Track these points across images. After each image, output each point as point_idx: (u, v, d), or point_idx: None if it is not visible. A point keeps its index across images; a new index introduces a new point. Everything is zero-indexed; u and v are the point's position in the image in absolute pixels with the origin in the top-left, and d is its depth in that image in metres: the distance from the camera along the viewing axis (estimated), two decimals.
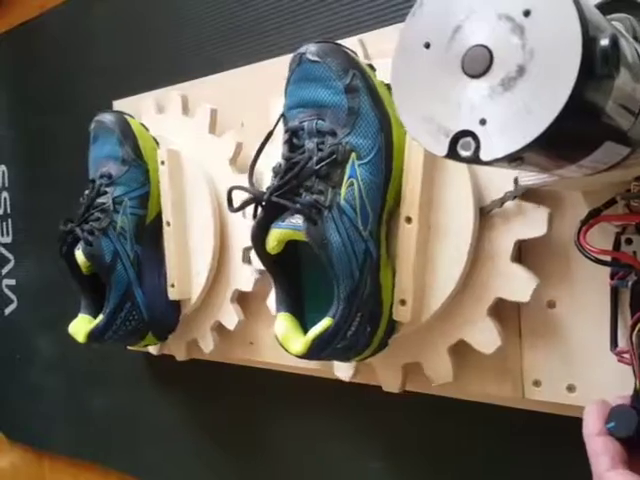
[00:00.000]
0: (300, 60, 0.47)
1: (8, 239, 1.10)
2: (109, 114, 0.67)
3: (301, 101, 0.46)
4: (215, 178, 0.64)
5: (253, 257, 0.60)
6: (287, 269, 0.49)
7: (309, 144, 0.45)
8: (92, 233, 0.62)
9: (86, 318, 0.66)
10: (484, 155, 0.24)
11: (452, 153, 0.25)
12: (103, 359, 0.90)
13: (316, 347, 0.44)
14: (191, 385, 0.78)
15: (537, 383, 0.45)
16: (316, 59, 0.46)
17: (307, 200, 0.44)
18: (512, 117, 0.23)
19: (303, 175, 0.44)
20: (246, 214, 0.60)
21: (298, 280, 0.49)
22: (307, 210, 0.44)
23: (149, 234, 0.65)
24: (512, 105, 0.23)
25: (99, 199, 0.63)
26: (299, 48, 0.47)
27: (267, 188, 0.45)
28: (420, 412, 0.56)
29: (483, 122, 0.24)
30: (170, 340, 0.70)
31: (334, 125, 0.45)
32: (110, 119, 0.66)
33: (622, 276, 0.39)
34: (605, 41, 0.22)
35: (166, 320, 0.67)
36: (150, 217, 0.65)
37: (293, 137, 0.46)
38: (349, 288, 0.43)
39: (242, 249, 0.62)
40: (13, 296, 1.10)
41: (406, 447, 0.57)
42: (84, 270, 0.65)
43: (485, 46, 0.24)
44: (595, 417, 0.33)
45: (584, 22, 0.22)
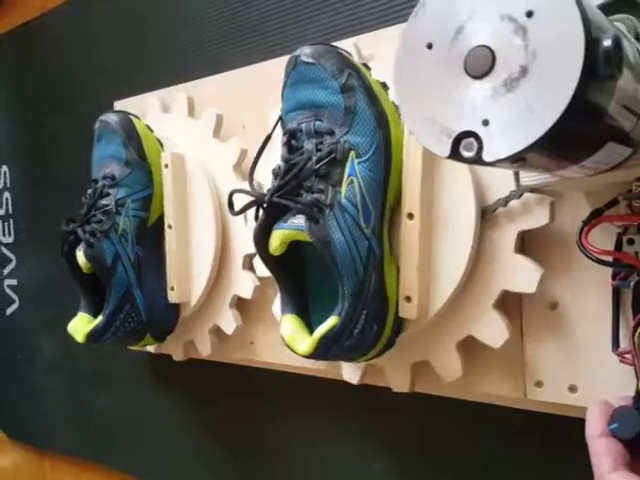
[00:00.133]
0: (295, 63, 0.47)
1: (10, 239, 1.10)
2: (114, 114, 0.67)
3: (298, 103, 0.47)
4: (218, 183, 0.64)
5: (256, 264, 0.60)
6: (291, 270, 0.49)
7: (308, 145, 0.45)
8: (94, 235, 0.62)
9: (85, 317, 0.66)
10: (487, 156, 0.24)
11: (454, 154, 0.25)
12: (105, 359, 0.90)
13: (323, 346, 0.44)
14: (193, 385, 0.78)
15: (539, 383, 0.45)
16: (311, 61, 0.46)
17: (308, 199, 0.44)
18: (515, 118, 0.23)
19: (303, 175, 0.44)
20: (247, 221, 0.60)
21: (302, 281, 0.49)
22: (308, 209, 0.44)
23: (150, 236, 0.65)
24: (515, 106, 0.23)
25: (102, 201, 0.63)
26: (294, 51, 0.48)
27: (267, 190, 0.46)
28: (421, 412, 0.56)
29: (486, 123, 0.24)
30: (168, 340, 0.70)
31: (332, 125, 0.45)
32: (115, 120, 0.66)
33: (624, 276, 0.39)
34: (608, 42, 0.22)
35: (165, 322, 0.68)
36: (152, 219, 0.65)
37: (291, 139, 0.46)
38: (354, 286, 0.43)
39: (243, 255, 0.62)
40: (15, 296, 1.10)
41: (408, 447, 0.57)
42: (84, 270, 0.65)
43: (488, 47, 0.24)
44: (597, 418, 0.33)
45: (587, 23, 0.22)
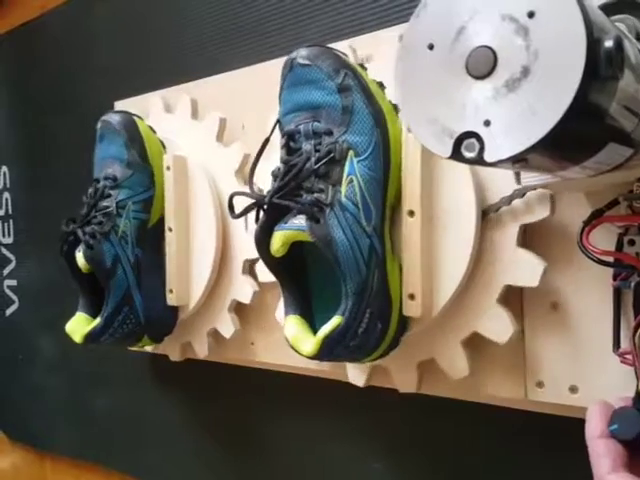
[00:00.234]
0: (291, 65, 0.47)
1: (9, 240, 1.10)
2: (116, 114, 0.66)
3: (295, 105, 0.47)
4: (220, 187, 0.64)
5: (258, 269, 0.60)
6: (293, 272, 0.49)
7: (306, 146, 0.45)
8: (94, 236, 0.62)
9: (83, 317, 0.66)
10: (488, 156, 0.24)
11: (456, 154, 0.25)
12: (105, 359, 0.90)
13: (327, 346, 0.44)
14: (194, 386, 0.78)
15: (540, 384, 0.45)
16: (307, 62, 0.46)
17: (308, 199, 0.44)
18: (516, 118, 0.23)
19: (302, 176, 0.44)
20: (248, 226, 0.60)
21: (305, 282, 0.49)
22: (309, 209, 0.44)
23: (151, 237, 0.65)
24: (516, 106, 0.23)
25: (103, 202, 0.63)
26: (290, 54, 0.48)
27: (267, 192, 0.46)
28: (421, 412, 0.56)
29: (487, 123, 0.24)
30: (166, 341, 0.70)
31: (330, 125, 0.45)
32: (117, 120, 0.65)
33: (625, 277, 0.39)
34: (609, 43, 0.22)
35: (163, 324, 0.68)
36: (153, 221, 0.65)
37: (290, 141, 0.46)
38: (357, 284, 0.43)
39: (243, 260, 0.62)
40: (14, 297, 1.10)
41: (407, 447, 0.57)
42: (83, 270, 0.64)
43: (489, 47, 0.24)
44: (597, 419, 0.33)
45: (588, 23, 0.22)
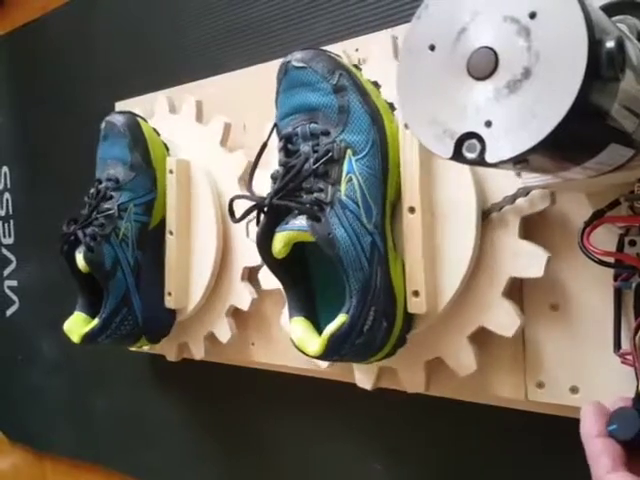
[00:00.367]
0: (286, 69, 0.48)
1: (10, 240, 1.10)
2: (120, 115, 0.66)
3: (292, 108, 0.47)
4: (222, 193, 0.64)
5: (261, 277, 0.59)
6: (295, 273, 0.49)
7: (304, 147, 0.45)
8: (94, 238, 0.62)
9: (81, 317, 0.66)
10: (489, 157, 0.24)
11: (457, 155, 0.25)
12: (105, 360, 0.90)
13: (333, 345, 0.44)
14: (194, 386, 0.78)
15: (540, 385, 0.45)
16: (301, 65, 0.47)
17: (308, 199, 0.44)
18: (518, 119, 0.23)
19: (301, 176, 0.45)
20: (249, 233, 0.60)
21: (308, 283, 0.49)
22: (309, 208, 0.44)
23: (151, 240, 0.65)
24: (518, 107, 0.23)
25: (104, 204, 0.63)
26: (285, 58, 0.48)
27: (267, 194, 0.46)
28: (421, 413, 0.56)
29: (488, 124, 0.24)
30: (163, 341, 0.70)
31: (327, 126, 0.45)
32: (121, 121, 0.65)
33: (626, 277, 0.39)
34: (611, 44, 0.22)
35: (160, 326, 0.68)
36: (154, 223, 0.65)
37: (288, 143, 0.46)
38: (360, 282, 0.43)
39: (242, 267, 0.62)
40: (15, 297, 1.10)
41: (407, 448, 0.57)
42: (83, 271, 0.64)
43: (490, 48, 0.24)
44: (593, 418, 0.33)
45: (590, 24, 0.22)
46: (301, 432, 0.66)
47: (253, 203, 0.46)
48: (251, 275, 0.63)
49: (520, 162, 0.25)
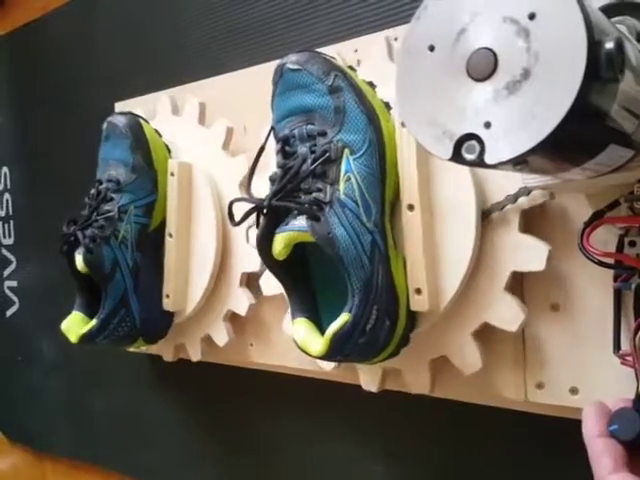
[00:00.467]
0: (281, 71, 0.48)
1: (10, 241, 1.10)
2: (123, 116, 0.66)
3: (288, 111, 0.47)
4: (223, 197, 0.64)
5: (262, 283, 0.59)
6: (296, 275, 0.49)
7: (302, 149, 0.46)
8: (94, 240, 0.62)
9: (79, 316, 0.66)
10: (489, 158, 0.24)
11: (456, 156, 0.25)
12: (105, 361, 0.90)
13: (336, 344, 0.44)
14: (193, 386, 0.78)
15: (540, 385, 0.45)
16: (297, 67, 0.47)
17: (307, 199, 0.44)
18: (517, 120, 0.23)
19: (299, 177, 0.45)
20: (249, 239, 0.60)
21: (309, 285, 0.49)
22: (309, 208, 0.44)
23: (151, 241, 0.65)
24: (517, 108, 0.23)
25: (105, 206, 0.63)
26: (280, 61, 0.48)
27: (266, 196, 0.46)
28: (421, 414, 0.56)
29: (488, 125, 0.24)
30: (159, 342, 0.70)
31: (323, 126, 0.46)
32: (123, 122, 0.65)
33: (625, 278, 0.39)
34: (610, 44, 0.22)
35: (158, 327, 0.68)
36: (154, 224, 0.65)
37: (285, 145, 0.47)
38: (362, 281, 0.43)
39: (241, 272, 0.62)
40: (15, 298, 1.10)
41: (407, 449, 0.57)
42: (82, 271, 0.64)
43: (490, 49, 0.24)
44: (594, 419, 0.33)
45: (589, 25, 0.22)
46: (299, 433, 0.66)
47: (252, 205, 0.47)
48: (249, 281, 0.63)
49: (519, 163, 0.25)
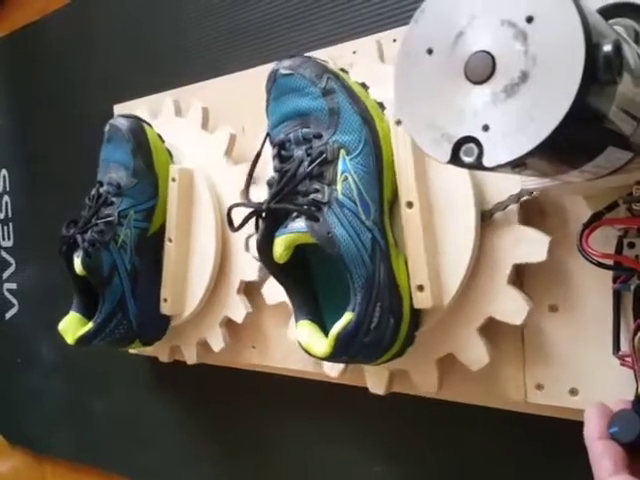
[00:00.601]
0: (275, 77, 0.48)
1: (9, 243, 1.10)
2: (125, 119, 0.65)
3: (283, 116, 0.48)
4: (224, 203, 0.63)
5: (264, 291, 0.59)
6: (298, 277, 0.49)
7: (298, 152, 0.46)
8: (93, 244, 0.61)
9: (76, 317, 0.66)
10: (487, 161, 0.24)
11: (455, 159, 0.25)
12: (104, 363, 0.90)
13: (341, 344, 0.44)
14: (192, 388, 0.78)
15: (540, 387, 0.45)
16: (289, 72, 0.47)
17: (305, 200, 0.44)
18: (515, 123, 0.23)
19: (297, 179, 0.45)
20: (249, 247, 0.60)
21: (311, 287, 0.49)
22: (307, 209, 0.44)
23: (150, 245, 0.65)
24: (515, 111, 0.23)
25: (105, 210, 0.62)
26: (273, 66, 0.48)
27: (264, 200, 0.46)
28: (422, 415, 0.56)
29: (486, 128, 0.24)
30: (156, 344, 0.70)
31: (318, 129, 0.46)
32: (126, 125, 0.64)
33: (624, 280, 0.39)
34: (608, 47, 0.22)
35: (154, 330, 0.68)
36: (153, 229, 0.65)
37: (281, 150, 0.47)
38: (364, 279, 0.43)
39: (239, 280, 0.62)
40: (14, 300, 1.10)
41: (407, 450, 0.57)
42: (80, 274, 0.64)
43: (488, 52, 0.24)
44: (596, 420, 0.33)
45: (587, 28, 0.22)
46: (299, 434, 0.66)
47: (251, 210, 0.47)
48: (247, 289, 0.63)
49: (518, 166, 0.25)
